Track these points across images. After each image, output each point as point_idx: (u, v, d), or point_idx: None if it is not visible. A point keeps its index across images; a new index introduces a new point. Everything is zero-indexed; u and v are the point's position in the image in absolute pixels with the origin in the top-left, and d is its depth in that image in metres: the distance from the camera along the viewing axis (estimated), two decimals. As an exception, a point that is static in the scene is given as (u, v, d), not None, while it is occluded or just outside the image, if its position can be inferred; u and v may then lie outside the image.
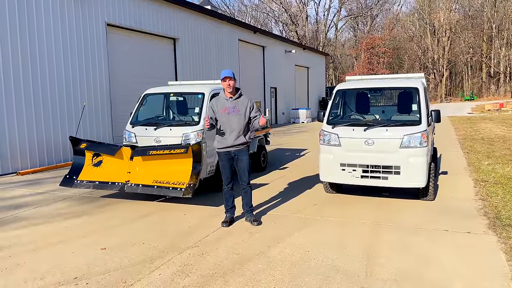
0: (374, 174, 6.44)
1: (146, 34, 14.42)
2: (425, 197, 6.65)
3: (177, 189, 6.36)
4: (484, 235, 5.14)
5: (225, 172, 5.85)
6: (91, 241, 5.32)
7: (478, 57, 55.63)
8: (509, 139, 14.79)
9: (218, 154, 5.91)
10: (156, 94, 8.36)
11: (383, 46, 53.25)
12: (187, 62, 16.49)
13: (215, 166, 7.57)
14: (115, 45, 13.06)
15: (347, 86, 7.18)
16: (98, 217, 6.42)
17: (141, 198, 7.21)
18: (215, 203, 6.97)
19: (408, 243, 4.96)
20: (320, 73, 34.89)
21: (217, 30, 18.57)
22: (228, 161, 5.82)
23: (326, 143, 6.75)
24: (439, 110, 6.57)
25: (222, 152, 5.81)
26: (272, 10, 57.85)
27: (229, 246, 5.00)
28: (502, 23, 51.26)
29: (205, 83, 8.78)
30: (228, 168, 5.84)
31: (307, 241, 5.12)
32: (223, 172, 5.86)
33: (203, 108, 7.47)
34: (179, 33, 15.94)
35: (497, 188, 7.41)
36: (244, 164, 5.83)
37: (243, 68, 20.79)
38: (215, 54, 18.38)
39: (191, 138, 7.20)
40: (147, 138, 7.45)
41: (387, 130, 6.36)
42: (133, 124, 7.81)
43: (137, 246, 5.08)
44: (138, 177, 6.80)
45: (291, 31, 55.83)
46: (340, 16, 59.44)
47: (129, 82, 13.53)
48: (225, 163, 5.83)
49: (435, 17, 54.66)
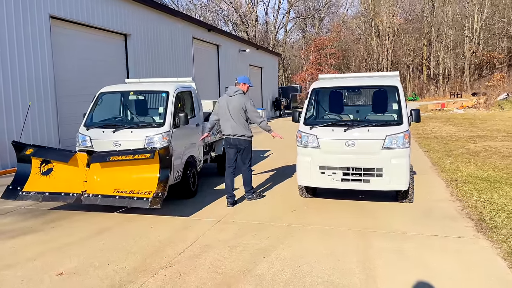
0: (355, 177, 6.11)
1: (95, 29, 13.32)
2: (405, 199, 6.43)
3: (143, 199, 5.66)
4: (476, 239, 4.95)
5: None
6: (43, 264, 4.53)
7: (419, 59, 58.35)
8: (461, 137, 15.29)
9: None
10: (113, 92, 7.54)
11: (332, 47, 54.35)
12: (139, 60, 15.52)
13: (181, 171, 6.93)
14: (60, 40, 11.89)
15: (324, 85, 6.81)
16: (50, 234, 5.56)
17: (98, 209, 6.41)
18: (184, 212, 6.34)
19: (402, 251, 4.65)
20: (273, 74, 34.79)
21: (171, 27, 17.71)
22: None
23: (304, 145, 6.34)
24: (419, 110, 6.38)
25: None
26: (222, 9, 57.23)
27: (210, 264, 4.43)
28: (441, 27, 54.09)
29: (169, 81, 8.07)
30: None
31: (295, 253, 4.65)
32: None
33: (168, 108, 6.79)
34: (130, 29, 14.95)
35: (469, 188, 7.38)
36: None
37: (198, 67, 20.06)
38: (169, 52, 17.51)
39: (155, 141, 6.50)
40: (105, 141, 6.64)
41: (368, 130, 6.06)
42: (87, 126, 6.95)
43: (100, 269, 4.36)
44: (97, 186, 6.00)
45: (241, 31, 55.47)
46: (289, 17, 60.02)
47: (77, 81, 12.40)
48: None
49: (380, 20, 56.67)
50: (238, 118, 6.60)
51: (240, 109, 6.58)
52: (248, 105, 6.63)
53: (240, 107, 6.58)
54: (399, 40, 58.05)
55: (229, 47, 24.66)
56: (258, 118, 6.78)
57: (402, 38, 58.13)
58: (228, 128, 6.68)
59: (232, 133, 6.65)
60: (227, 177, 6.79)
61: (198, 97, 8.01)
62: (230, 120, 6.63)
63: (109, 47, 14.17)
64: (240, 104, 6.59)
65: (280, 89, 37.04)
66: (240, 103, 6.59)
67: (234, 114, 6.59)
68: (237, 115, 6.59)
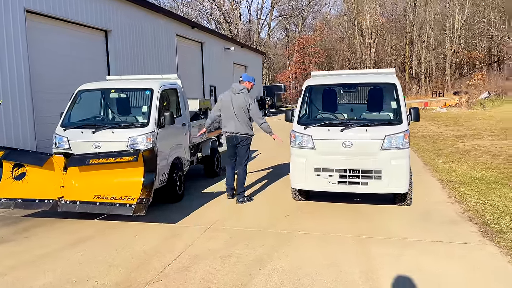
0: (353, 180, 5.79)
1: (74, 25, 12.68)
2: (403, 202, 6.15)
3: (126, 205, 5.22)
4: (483, 245, 4.68)
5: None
6: (14, 279, 4.07)
7: (401, 58, 58.80)
8: (448, 136, 15.22)
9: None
10: (93, 90, 7.04)
11: (315, 46, 54.30)
12: (121, 57, 14.91)
13: (167, 174, 6.49)
14: (37, 36, 11.24)
15: (318, 82, 6.47)
16: (22, 244, 5.07)
17: (76, 217, 5.92)
18: (170, 218, 5.91)
19: (406, 260, 4.34)
20: (257, 72, 34.38)
21: (153, 24, 17.14)
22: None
23: (298, 146, 5.99)
24: (418, 108, 6.09)
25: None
26: (205, 7, 56.54)
27: (201, 278, 4.03)
28: (422, 27, 54.58)
29: (152, 78, 7.60)
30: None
31: (293, 263, 4.30)
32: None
33: (152, 107, 6.34)
34: (111, 25, 14.34)
35: (466, 189, 7.15)
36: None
37: (182, 65, 19.51)
38: (152, 50, 16.93)
39: (138, 143, 6.05)
40: (84, 143, 6.15)
41: (366, 130, 5.74)
42: (65, 127, 6.44)
43: (79, 285, 3.92)
44: (75, 192, 5.53)
45: (224, 30, 54.91)
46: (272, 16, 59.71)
47: (55, 78, 11.75)
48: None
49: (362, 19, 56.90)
50: (243, 117, 6.58)
51: (245, 108, 6.57)
52: (252, 104, 6.63)
53: (245, 105, 6.55)
54: (381, 39, 58.42)
55: (213, 45, 24.17)
56: (260, 119, 6.70)
57: (384, 38, 58.52)
58: (231, 126, 6.64)
59: (234, 131, 6.63)
60: (228, 171, 6.98)
61: (184, 95, 7.58)
62: (233, 118, 6.58)
63: (89, 44, 13.54)
64: (245, 103, 6.55)
65: (265, 88, 36.71)
66: (245, 101, 6.56)
67: (239, 112, 6.56)
68: (241, 113, 6.56)
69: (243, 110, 6.57)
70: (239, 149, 6.72)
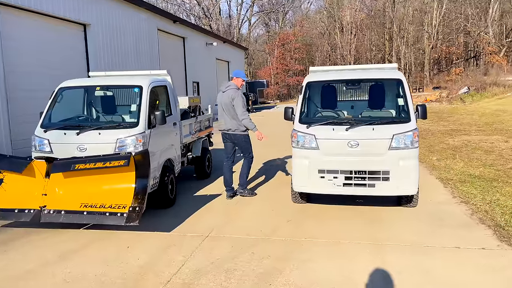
0: (359, 182, 5.46)
1: (50, 18, 11.97)
2: (409, 203, 5.86)
3: (117, 214, 4.75)
4: (503, 251, 4.42)
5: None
6: (-7, 305, 3.57)
7: (382, 54, 59.21)
8: (435, 131, 15.15)
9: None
10: (75, 87, 6.49)
11: (296, 42, 54.07)
12: (100, 53, 14.24)
13: (158, 178, 6.03)
14: (10, 30, 10.52)
15: (320, 78, 6.09)
16: (0, 260, 4.55)
17: (60, 226, 5.40)
18: (164, 226, 5.47)
19: (428, 270, 4.03)
20: (240, 68, 33.89)
21: (134, 18, 16.48)
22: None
23: (300, 146, 5.62)
24: (425, 105, 5.78)
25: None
26: (184, 2, 55.51)
27: (206, 296, 3.63)
28: (402, 23, 55.02)
29: (140, 74, 7.08)
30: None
31: (305, 278, 3.93)
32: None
33: (142, 105, 5.85)
34: (90, 18, 13.65)
35: (469, 188, 6.94)
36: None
37: (164, 60, 18.89)
38: (132, 44, 16.28)
39: (128, 145, 5.56)
40: (67, 145, 5.62)
41: (373, 129, 5.41)
42: (45, 128, 5.87)
43: (69, 310, 3.46)
44: (59, 200, 5.01)
45: (204, 25, 54.05)
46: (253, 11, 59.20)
47: (32, 75, 11.07)
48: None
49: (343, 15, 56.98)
50: (230, 112, 6.54)
51: (230, 103, 6.44)
52: (236, 99, 6.43)
53: (229, 101, 6.44)
54: (361, 35, 58.67)
55: (196, 40, 23.57)
56: (241, 115, 6.47)
57: (364, 33, 58.79)
58: (223, 123, 6.72)
59: (226, 127, 6.67)
60: (225, 172, 6.83)
61: (175, 93, 7.11)
62: (224, 115, 6.64)
63: (67, 38, 12.83)
64: (229, 98, 6.43)
65: (247, 84, 36.25)
66: (229, 97, 6.44)
67: (227, 109, 6.56)
68: (228, 109, 6.54)
69: (230, 106, 6.54)
70: (238, 146, 6.75)
